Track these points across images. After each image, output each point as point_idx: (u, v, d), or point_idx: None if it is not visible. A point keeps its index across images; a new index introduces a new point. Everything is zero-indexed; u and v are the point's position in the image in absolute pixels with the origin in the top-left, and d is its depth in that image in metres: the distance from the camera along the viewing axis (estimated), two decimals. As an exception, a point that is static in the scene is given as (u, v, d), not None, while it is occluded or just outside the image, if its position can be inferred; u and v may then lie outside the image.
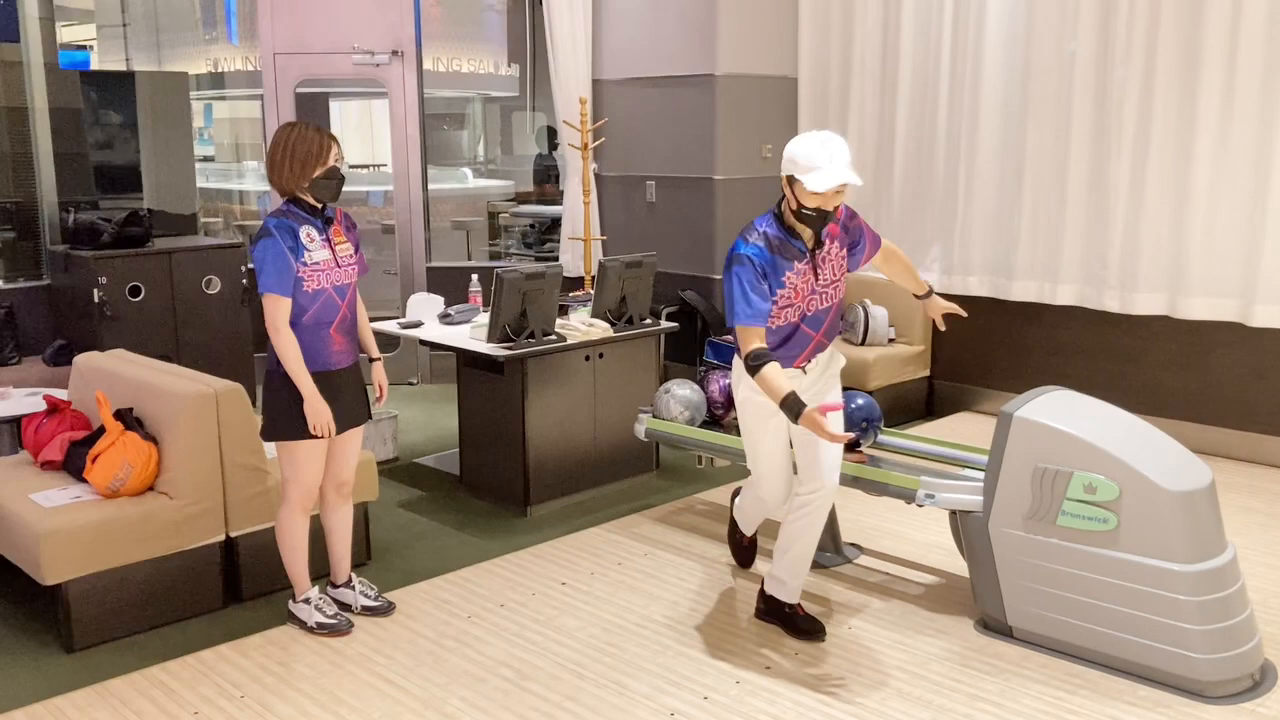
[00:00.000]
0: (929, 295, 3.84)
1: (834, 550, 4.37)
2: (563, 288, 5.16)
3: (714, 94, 6.54)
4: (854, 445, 4.29)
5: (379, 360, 3.88)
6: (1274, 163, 5.23)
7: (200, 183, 7.57)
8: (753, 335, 3.31)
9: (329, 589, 3.95)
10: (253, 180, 9.30)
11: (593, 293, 5.31)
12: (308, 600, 3.78)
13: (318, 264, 3.53)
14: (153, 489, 3.87)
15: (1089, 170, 5.85)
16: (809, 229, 3.39)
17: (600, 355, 5.08)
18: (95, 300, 5.90)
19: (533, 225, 8.60)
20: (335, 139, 3.53)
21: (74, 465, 3.99)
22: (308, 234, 3.52)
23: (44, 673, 3.52)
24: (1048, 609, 3.51)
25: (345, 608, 3.88)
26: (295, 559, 3.74)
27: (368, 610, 3.89)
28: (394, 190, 7.45)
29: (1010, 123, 6.11)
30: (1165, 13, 5.43)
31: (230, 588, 4.00)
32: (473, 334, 5.02)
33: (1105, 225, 5.80)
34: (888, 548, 4.50)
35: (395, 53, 7.12)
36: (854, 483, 3.94)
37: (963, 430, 6.16)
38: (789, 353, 3.48)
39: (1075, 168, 5.87)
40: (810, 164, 3.25)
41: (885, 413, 4.70)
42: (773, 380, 3.25)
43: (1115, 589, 3.35)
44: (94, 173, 6.62)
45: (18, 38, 6.27)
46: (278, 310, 3.48)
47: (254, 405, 4.06)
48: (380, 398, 3.90)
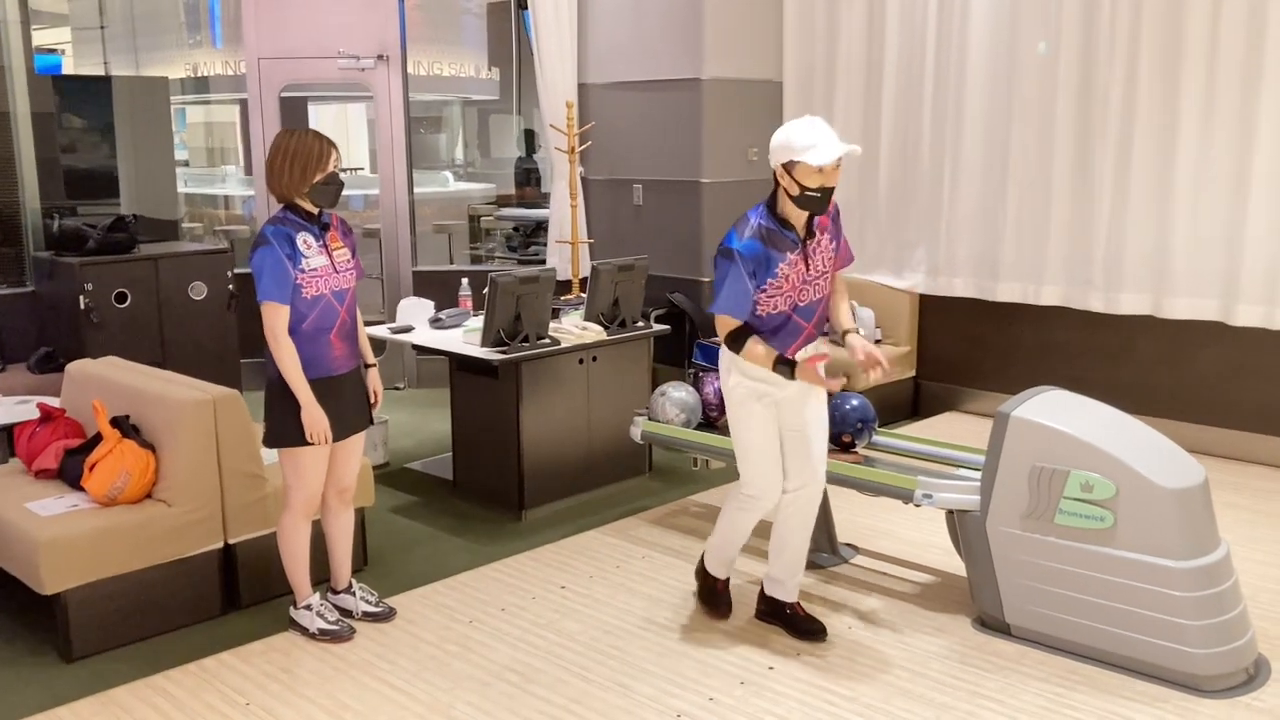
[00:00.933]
0: (852, 334, 3.58)
1: (830, 550, 4.41)
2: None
3: (700, 97, 6.56)
4: (849, 446, 4.34)
5: (374, 366, 3.88)
6: (1254, 165, 5.32)
7: (179, 188, 7.52)
8: (732, 322, 3.43)
9: (329, 595, 3.94)
10: (234, 185, 9.23)
11: (583, 297, 5.32)
12: (309, 606, 3.77)
13: (315, 270, 3.53)
14: (150, 496, 3.85)
15: (1073, 172, 5.91)
16: (808, 213, 3.42)
17: (594, 358, 5.09)
18: (81, 307, 5.86)
19: (517, 228, 8.59)
20: (335, 145, 3.53)
21: (70, 473, 3.96)
22: (304, 240, 3.52)
23: (44, 683, 3.50)
24: (1045, 606, 3.56)
25: (346, 614, 3.88)
26: (297, 565, 3.74)
27: (369, 616, 3.89)
28: (380, 194, 7.44)
29: (995, 125, 6.17)
30: (1147, 14, 5.51)
31: (229, 595, 3.98)
32: (466, 338, 5.02)
33: (1089, 226, 5.87)
34: (883, 547, 4.54)
35: (380, 57, 7.11)
36: (851, 483, 3.97)
37: (950, 430, 6.21)
38: (781, 343, 3.50)
39: (1059, 169, 5.94)
40: (808, 142, 3.30)
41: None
42: (758, 348, 3.39)
43: (1112, 586, 3.40)
44: (75, 178, 6.56)
45: (-3, 42, 6.23)
46: (277, 318, 3.47)
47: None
48: (375, 404, 3.90)
